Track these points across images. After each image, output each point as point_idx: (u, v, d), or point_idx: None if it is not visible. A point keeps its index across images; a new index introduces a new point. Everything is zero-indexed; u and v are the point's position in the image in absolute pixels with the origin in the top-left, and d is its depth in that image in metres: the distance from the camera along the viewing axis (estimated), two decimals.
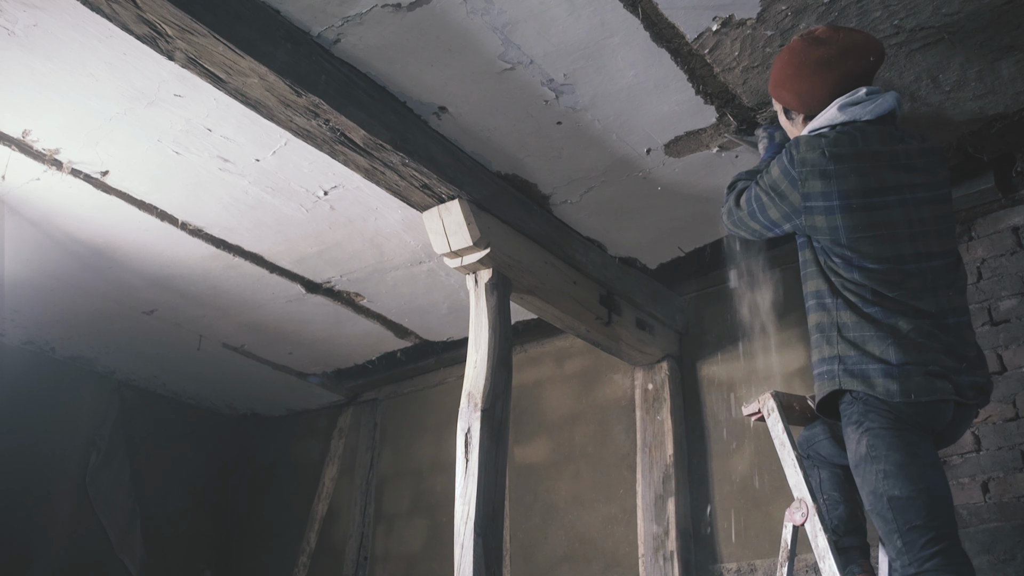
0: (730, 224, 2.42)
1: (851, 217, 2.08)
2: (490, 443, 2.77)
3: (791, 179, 2.15)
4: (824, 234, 2.11)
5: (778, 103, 2.36)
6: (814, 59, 2.19)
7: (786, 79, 2.27)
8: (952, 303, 2.09)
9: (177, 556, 5.18)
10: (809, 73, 2.21)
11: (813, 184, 2.11)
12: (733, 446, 3.52)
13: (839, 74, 2.18)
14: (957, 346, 2.05)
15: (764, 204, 2.24)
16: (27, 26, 2.51)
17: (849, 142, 2.12)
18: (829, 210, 2.09)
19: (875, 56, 2.23)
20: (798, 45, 2.25)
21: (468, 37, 2.50)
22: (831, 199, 2.09)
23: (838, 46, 2.19)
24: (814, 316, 2.15)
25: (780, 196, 2.18)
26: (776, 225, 2.26)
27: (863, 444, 1.99)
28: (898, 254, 2.06)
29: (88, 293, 4.08)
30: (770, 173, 2.22)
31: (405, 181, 2.88)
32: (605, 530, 3.78)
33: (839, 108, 2.17)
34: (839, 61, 2.18)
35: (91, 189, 3.30)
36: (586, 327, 3.58)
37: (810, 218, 2.12)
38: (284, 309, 4.24)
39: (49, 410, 4.75)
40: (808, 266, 2.19)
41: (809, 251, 2.20)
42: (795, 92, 2.26)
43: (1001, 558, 2.75)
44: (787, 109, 2.33)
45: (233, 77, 2.41)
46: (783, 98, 2.32)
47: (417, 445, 4.75)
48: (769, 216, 2.24)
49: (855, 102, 2.16)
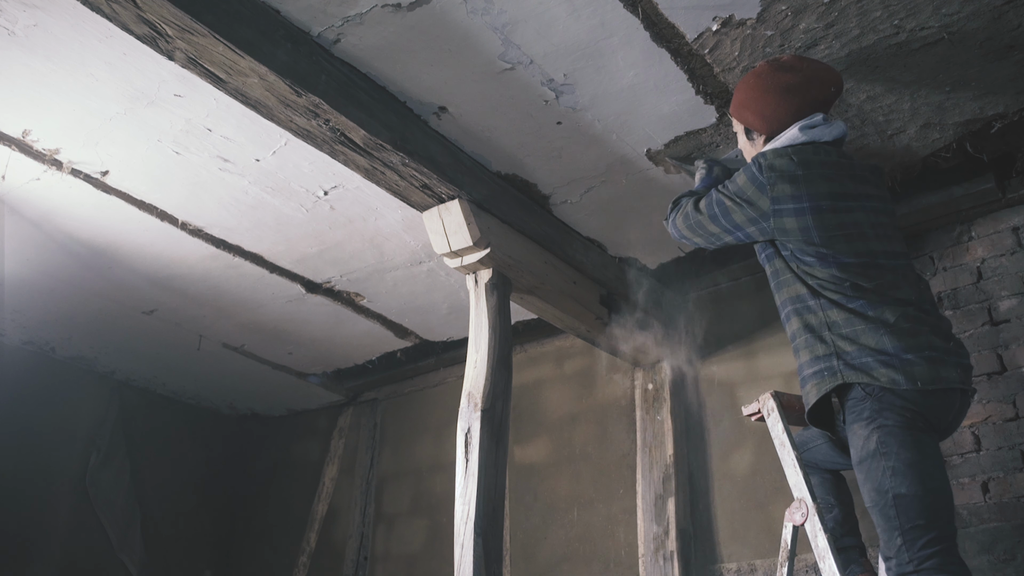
0: (684, 228, 2.50)
1: (822, 218, 2.17)
2: (490, 443, 2.77)
3: (759, 185, 2.24)
4: (795, 235, 2.18)
5: (740, 123, 2.48)
6: (781, 84, 2.33)
7: (752, 101, 2.39)
8: (924, 294, 2.19)
9: (177, 556, 5.18)
10: (775, 96, 2.34)
11: (782, 188, 2.20)
12: (733, 446, 3.52)
13: (803, 100, 2.32)
14: (943, 327, 2.14)
15: (728, 208, 2.32)
16: (27, 26, 2.51)
17: (813, 152, 2.26)
18: (800, 212, 2.18)
19: (836, 87, 2.38)
20: (766, 70, 2.38)
21: (468, 37, 2.50)
22: (801, 201, 2.19)
23: (804, 74, 2.34)
24: (796, 320, 2.19)
25: (747, 202, 2.27)
26: (737, 229, 2.33)
27: (873, 440, 2.00)
28: (869, 250, 2.16)
29: (88, 293, 4.08)
30: (735, 182, 2.33)
31: (405, 181, 2.88)
32: (605, 530, 3.78)
33: (800, 129, 2.31)
34: (805, 88, 2.32)
35: (91, 189, 3.30)
36: (586, 327, 3.58)
37: (779, 220, 2.20)
38: (284, 309, 4.24)
39: (49, 410, 4.75)
40: (780, 275, 2.26)
41: (778, 260, 2.26)
42: (760, 113, 2.38)
43: (1001, 558, 2.75)
44: (748, 129, 2.44)
45: (233, 77, 2.41)
46: (746, 118, 2.43)
47: (417, 445, 4.75)
48: (732, 219, 2.32)
49: (814, 125, 2.31)
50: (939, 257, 3.20)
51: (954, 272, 3.15)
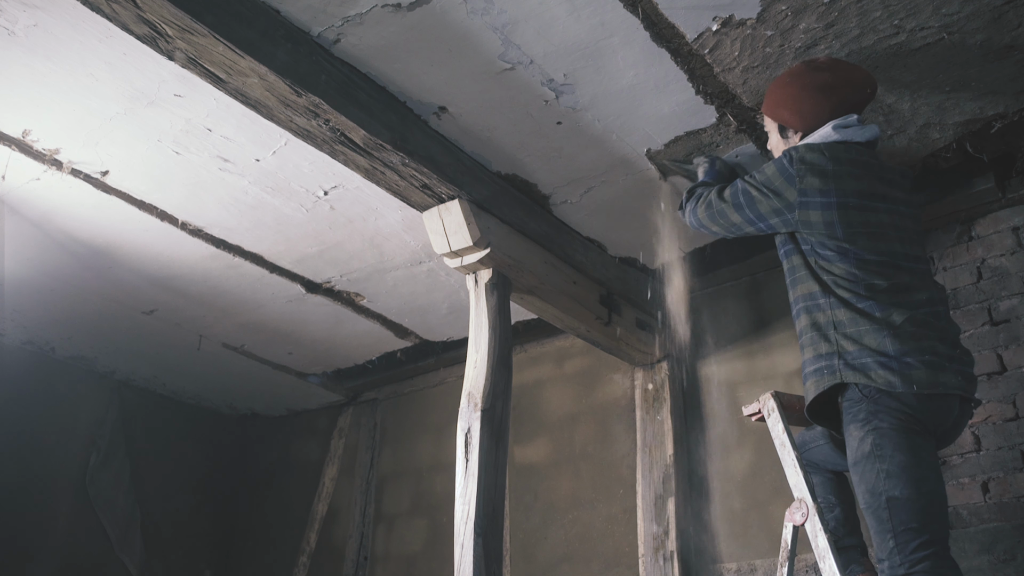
0: (705, 217, 2.51)
1: (847, 214, 2.18)
2: (490, 443, 2.77)
3: (787, 176, 2.25)
4: (818, 229, 2.19)
5: (774, 121, 2.49)
6: (818, 82, 2.36)
7: (788, 98, 2.41)
8: (939, 299, 2.19)
9: (177, 556, 5.18)
10: (812, 94, 2.36)
11: (811, 181, 2.21)
12: (733, 446, 3.52)
13: (839, 99, 2.35)
14: (951, 334, 2.14)
15: (754, 198, 2.33)
16: (27, 26, 2.51)
17: (845, 150, 2.27)
18: (826, 206, 2.19)
19: (871, 89, 2.42)
20: (802, 69, 2.41)
21: (468, 37, 2.50)
22: (829, 196, 2.20)
23: (839, 75, 2.38)
24: (805, 317, 2.21)
25: (774, 192, 2.28)
26: (760, 219, 2.34)
27: (867, 442, 2.01)
28: (891, 250, 2.17)
29: (88, 293, 4.08)
30: (764, 172, 2.34)
31: (405, 181, 2.88)
32: (605, 530, 3.78)
33: (833, 128, 2.32)
34: (840, 88, 2.36)
35: (91, 189, 3.30)
36: (586, 327, 3.57)
37: (804, 213, 2.21)
38: (284, 309, 4.24)
39: (49, 410, 4.75)
40: (797, 271, 2.27)
41: (797, 256, 2.27)
42: (796, 111, 2.39)
43: (1001, 558, 2.75)
44: (783, 127, 2.46)
45: (233, 77, 2.41)
46: (782, 116, 2.44)
47: (417, 445, 4.75)
48: (758, 209, 2.33)
49: (848, 125, 2.33)
50: (939, 257, 3.20)
51: (954, 272, 3.15)
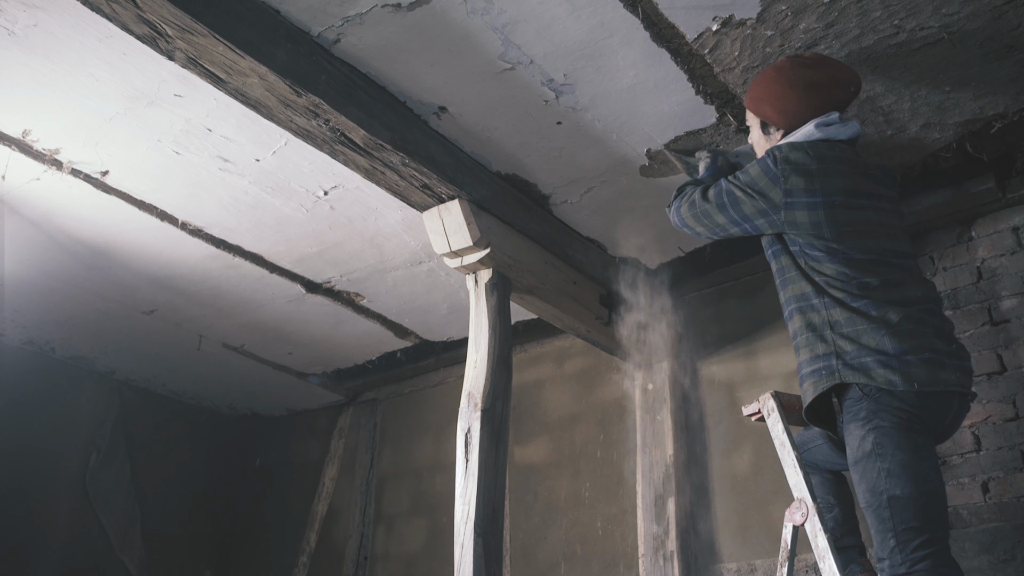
0: (689, 217, 2.46)
1: (834, 213, 2.17)
2: (490, 443, 2.77)
3: (772, 176, 2.23)
4: (805, 229, 2.18)
5: (756, 117, 2.45)
6: (803, 80, 2.33)
7: (772, 95, 2.38)
8: (931, 295, 2.18)
9: (177, 556, 5.18)
10: (796, 92, 2.33)
11: (796, 181, 2.19)
12: (733, 446, 3.52)
13: (824, 98, 2.33)
14: (946, 330, 2.13)
15: (738, 199, 2.30)
16: (27, 26, 2.51)
17: (828, 148, 2.26)
18: (812, 206, 2.18)
19: (855, 87, 2.39)
20: (787, 65, 2.38)
21: (468, 37, 2.50)
22: (815, 195, 2.18)
23: (824, 73, 2.36)
24: (799, 318, 2.18)
25: (758, 193, 2.26)
26: (745, 220, 2.31)
27: (868, 441, 2.00)
28: (879, 248, 2.16)
29: (88, 293, 4.08)
30: (747, 172, 2.31)
31: (405, 181, 2.88)
32: (605, 530, 3.78)
33: (816, 126, 2.30)
34: (825, 86, 2.33)
35: (91, 189, 3.30)
36: (586, 327, 3.58)
37: (790, 213, 2.20)
38: (284, 309, 4.24)
39: (49, 410, 4.74)
40: (786, 272, 2.25)
41: (785, 257, 2.25)
42: (780, 109, 2.37)
43: (1001, 558, 2.75)
44: (765, 124, 2.43)
45: (233, 77, 2.41)
46: (764, 112, 2.41)
47: (417, 445, 4.75)
48: (742, 210, 2.30)
49: (830, 123, 2.32)
50: (939, 257, 3.20)
51: (954, 272, 3.15)
